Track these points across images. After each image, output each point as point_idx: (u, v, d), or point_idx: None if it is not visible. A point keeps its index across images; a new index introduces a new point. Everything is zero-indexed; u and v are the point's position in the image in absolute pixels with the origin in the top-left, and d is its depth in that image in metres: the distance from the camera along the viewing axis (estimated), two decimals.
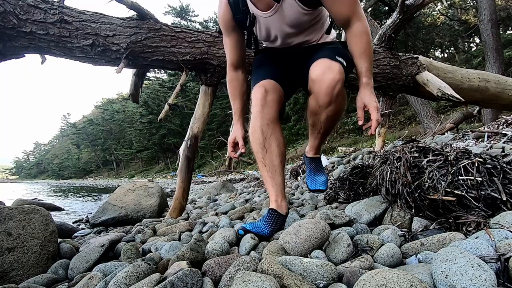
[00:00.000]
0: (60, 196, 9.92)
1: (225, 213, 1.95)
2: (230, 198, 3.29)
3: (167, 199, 3.28)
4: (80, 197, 9.09)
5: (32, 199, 5.99)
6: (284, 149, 1.22)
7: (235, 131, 1.33)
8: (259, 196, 2.78)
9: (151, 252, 1.20)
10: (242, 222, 1.55)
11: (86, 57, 2.04)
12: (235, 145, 1.35)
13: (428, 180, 0.99)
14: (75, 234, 2.13)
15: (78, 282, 0.92)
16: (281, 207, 1.16)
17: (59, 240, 1.37)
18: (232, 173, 6.44)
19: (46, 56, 2.13)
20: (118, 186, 3.45)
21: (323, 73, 1.06)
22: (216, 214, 1.99)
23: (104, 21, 2.01)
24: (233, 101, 1.38)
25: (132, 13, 2.14)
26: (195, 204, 3.28)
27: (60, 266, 1.14)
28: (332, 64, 1.07)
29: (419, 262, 0.73)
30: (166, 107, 2.31)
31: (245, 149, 1.28)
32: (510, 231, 0.76)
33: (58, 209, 4.74)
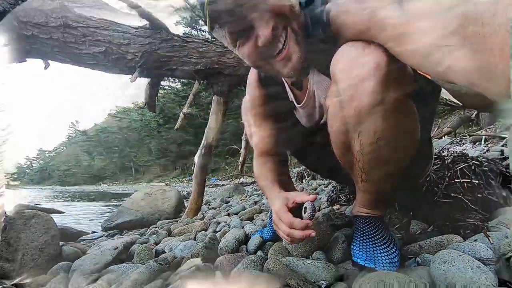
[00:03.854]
0: (69, 201, 9.96)
1: (236, 214, 2.06)
2: (241, 200, 3.34)
3: (184, 200, 3.34)
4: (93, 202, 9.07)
5: (35, 205, 6.00)
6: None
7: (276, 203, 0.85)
8: (267, 198, 2.83)
9: (165, 252, 1.24)
10: (252, 222, 1.64)
11: (98, 64, 2.04)
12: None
13: (426, 183, 1.02)
14: (83, 238, 2.15)
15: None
16: None
17: (61, 243, 1.37)
18: (244, 177, 6.51)
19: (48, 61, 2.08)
20: (135, 191, 3.50)
21: (354, 56, 0.63)
22: (228, 215, 2.10)
23: (116, 28, 2.02)
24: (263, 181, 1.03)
25: (140, 22, 2.14)
26: (209, 205, 3.36)
27: (60, 268, 1.14)
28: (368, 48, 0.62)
29: (418, 265, 0.74)
30: (181, 116, 2.37)
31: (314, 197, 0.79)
32: (508, 228, 0.77)
33: (59, 212, 4.76)
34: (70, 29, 1.91)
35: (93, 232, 2.50)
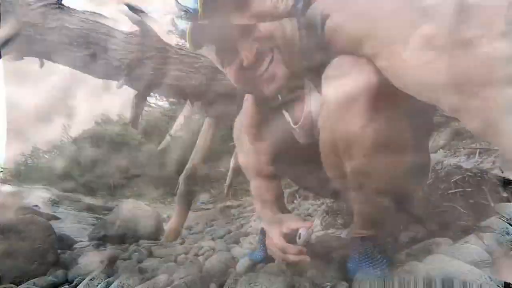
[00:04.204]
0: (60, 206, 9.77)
1: (221, 237, 2.00)
2: (226, 223, 3.30)
3: (163, 223, 3.30)
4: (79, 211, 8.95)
5: (33, 206, 5.86)
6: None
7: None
8: (254, 221, 2.74)
9: (147, 272, 1.21)
10: (238, 246, 1.59)
11: (87, 68, 1.94)
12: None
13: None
14: (74, 246, 2.13)
15: (79, 284, 0.95)
16: None
17: (59, 251, 1.39)
18: (230, 200, 6.44)
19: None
20: (116, 205, 3.43)
21: (343, 73, 0.60)
22: (213, 239, 2.02)
23: (105, 32, 1.91)
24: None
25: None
26: (191, 230, 3.30)
27: (60, 272, 1.17)
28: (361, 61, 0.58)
29: (405, 273, 0.69)
30: (168, 138, 2.24)
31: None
32: (509, 224, 0.73)
33: (56, 218, 4.68)
34: (67, 30, 1.85)
35: (80, 241, 2.45)
